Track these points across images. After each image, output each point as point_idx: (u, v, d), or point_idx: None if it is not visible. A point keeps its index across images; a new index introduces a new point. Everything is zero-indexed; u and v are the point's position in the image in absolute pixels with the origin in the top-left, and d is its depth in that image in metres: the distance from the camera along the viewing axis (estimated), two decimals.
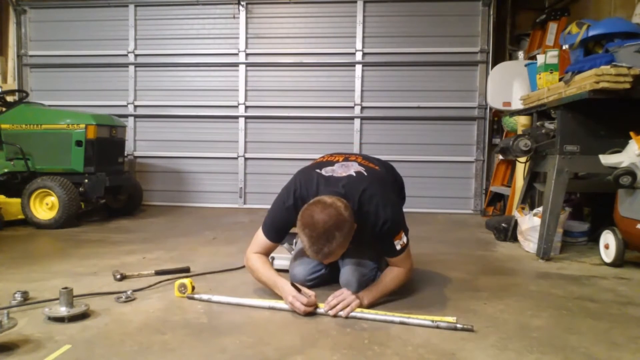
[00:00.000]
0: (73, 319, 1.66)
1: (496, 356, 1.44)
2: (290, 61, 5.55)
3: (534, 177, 3.51)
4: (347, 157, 2.09)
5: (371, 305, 1.86)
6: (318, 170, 1.96)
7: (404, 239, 1.92)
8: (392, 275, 1.97)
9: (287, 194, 1.96)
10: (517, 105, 3.84)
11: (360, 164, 2.02)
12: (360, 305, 1.82)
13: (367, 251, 2.06)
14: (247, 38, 5.59)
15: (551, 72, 3.15)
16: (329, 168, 1.98)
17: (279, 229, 1.99)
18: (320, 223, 1.69)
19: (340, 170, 1.96)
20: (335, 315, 1.77)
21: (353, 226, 1.78)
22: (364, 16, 5.42)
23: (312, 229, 1.70)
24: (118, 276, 2.24)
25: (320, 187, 1.88)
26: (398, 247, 1.91)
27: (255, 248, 2.04)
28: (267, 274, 1.97)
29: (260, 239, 2.02)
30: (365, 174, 1.96)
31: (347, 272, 2.01)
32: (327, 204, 1.74)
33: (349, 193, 1.85)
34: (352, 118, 5.47)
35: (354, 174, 1.93)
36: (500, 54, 5.38)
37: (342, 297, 1.82)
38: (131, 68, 5.74)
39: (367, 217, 1.86)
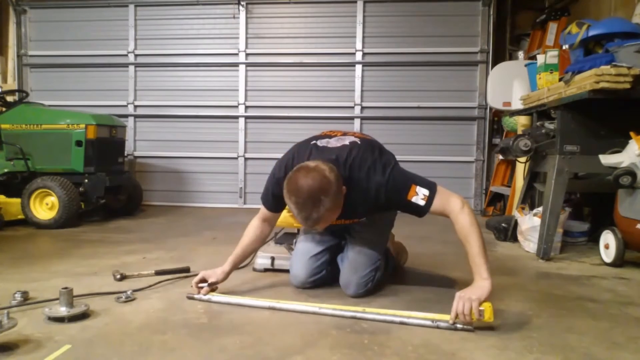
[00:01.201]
0: (73, 319, 1.66)
1: (496, 356, 1.44)
2: (290, 61, 5.55)
3: (534, 177, 3.51)
4: (345, 133, 2.04)
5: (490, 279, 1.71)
6: (314, 142, 1.94)
7: (424, 191, 1.77)
8: (464, 233, 1.74)
9: (279, 165, 1.94)
10: (517, 105, 3.84)
11: (356, 137, 1.98)
12: (485, 295, 1.65)
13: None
14: (247, 38, 5.59)
15: (551, 72, 3.15)
16: (324, 140, 1.95)
17: (274, 199, 1.96)
18: (305, 188, 1.65)
19: (336, 142, 1.92)
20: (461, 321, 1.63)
21: (341, 189, 1.73)
22: (364, 16, 5.42)
23: (297, 195, 1.66)
24: (118, 276, 2.24)
25: (311, 157, 1.84)
26: (422, 203, 1.77)
27: (258, 214, 2.07)
28: (236, 249, 2.04)
29: (262, 206, 2.04)
30: (359, 142, 1.91)
31: (346, 273, 2.02)
32: (310, 168, 1.70)
33: (340, 159, 1.80)
34: (352, 118, 5.47)
35: (348, 144, 1.89)
36: (500, 54, 5.38)
37: (462, 304, 1.61)
38: (131, 68, 5.74)
39: (359, 184, 1.80)
